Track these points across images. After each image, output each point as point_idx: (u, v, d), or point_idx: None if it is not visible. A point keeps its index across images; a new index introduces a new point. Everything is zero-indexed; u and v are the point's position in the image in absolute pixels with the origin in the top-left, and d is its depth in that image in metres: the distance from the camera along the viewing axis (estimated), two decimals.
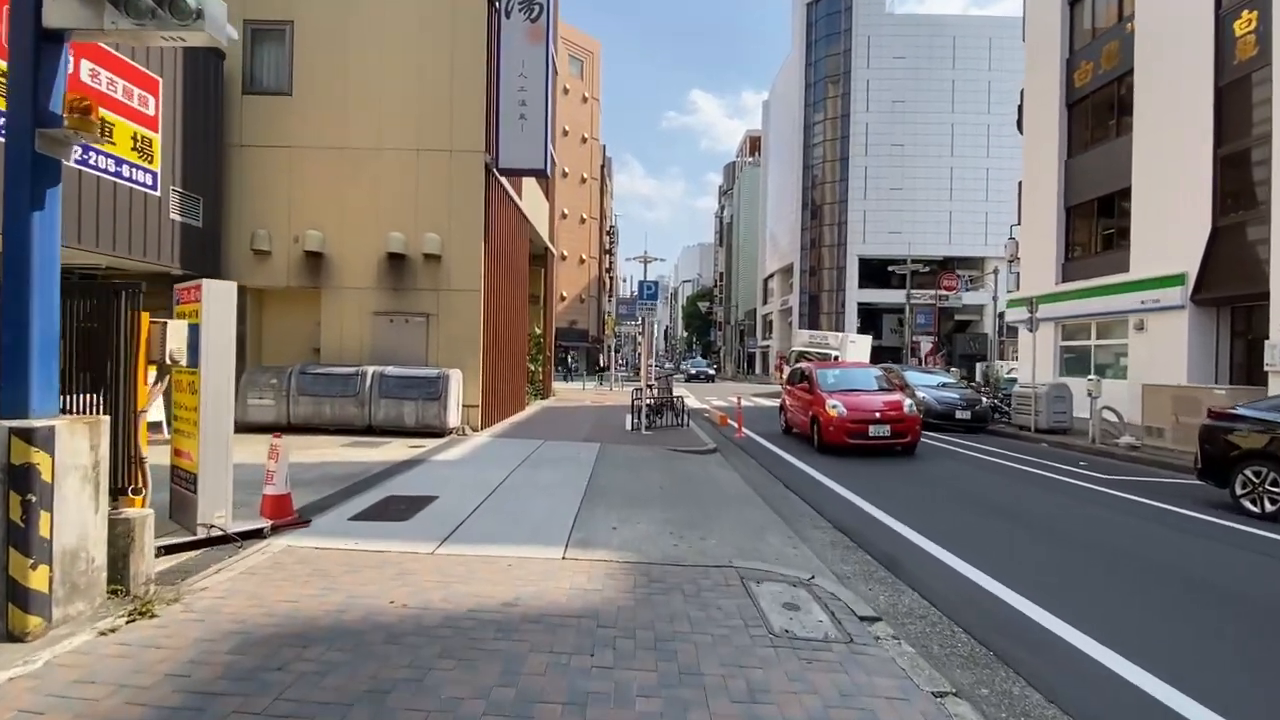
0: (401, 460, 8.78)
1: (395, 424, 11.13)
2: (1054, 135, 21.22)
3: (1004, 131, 50.66)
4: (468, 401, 11.91)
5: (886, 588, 4.88)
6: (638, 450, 10.67)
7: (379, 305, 12.02)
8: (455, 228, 11.98)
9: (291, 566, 4.45)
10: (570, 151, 50.35)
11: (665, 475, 8.60)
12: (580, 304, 53.37)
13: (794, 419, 13.41)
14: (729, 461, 10.43)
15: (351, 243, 12.00)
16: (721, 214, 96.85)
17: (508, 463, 8.83)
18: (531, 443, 10.92)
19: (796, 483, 9.04)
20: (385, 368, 11.32)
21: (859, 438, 10.91)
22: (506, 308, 14.21)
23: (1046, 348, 21.45)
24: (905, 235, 50.76)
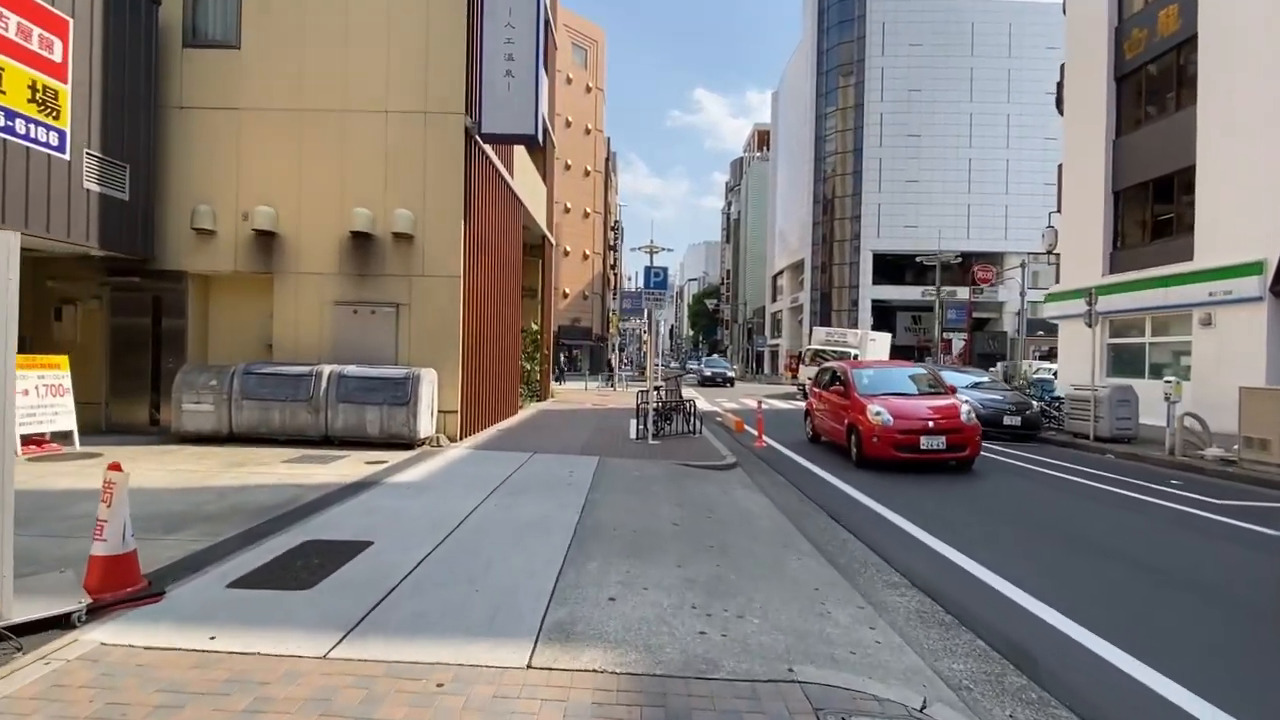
0: (349, 483, 7.04)
1: (356, 433, 9.40)
2: (1100, 113, 19.34)
3: (1024, 121, 48.77)
4: (444, 406, 10.17)
5: (1036, 711, 3.11)
6: (644, 466, 8.90)
7: (341, 294, 10.29)
8: (431, 203, 10.24)
9: (75, 694, 2.70)
10: (573, 143, 48.63)
11: (679, 502, 6.83)
12: (583, 301, 51.66)
13: (823, 426, 11.62)
14: (754, 480, 8.66)
15: (309, 220, 10.28)
16: (728, 210, 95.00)
17: (482, 486, 7.07)
18: (517, 456, 9.16)
19: (843, 511, 7.26)
20: (345, 367, 9.59)
21: (908, 450, 9.13)
22: (494, 299, 12.46)
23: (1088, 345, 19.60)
24: (921, 230, 48.85)
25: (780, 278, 64.39)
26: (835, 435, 10.90)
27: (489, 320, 12.01)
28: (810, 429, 12.40)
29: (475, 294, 10.97)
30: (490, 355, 12.19)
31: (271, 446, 9.21)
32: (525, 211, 15.91)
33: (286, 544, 4.81)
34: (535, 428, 12.82)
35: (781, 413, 18.85)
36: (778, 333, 63.93)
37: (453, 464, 8.43)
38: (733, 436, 13.82)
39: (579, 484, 7.42)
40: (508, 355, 14.02)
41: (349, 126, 10.30)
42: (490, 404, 12.24)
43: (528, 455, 9.30)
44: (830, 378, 11.57)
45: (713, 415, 17.66)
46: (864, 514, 7.18)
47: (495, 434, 11.55)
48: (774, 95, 70.12)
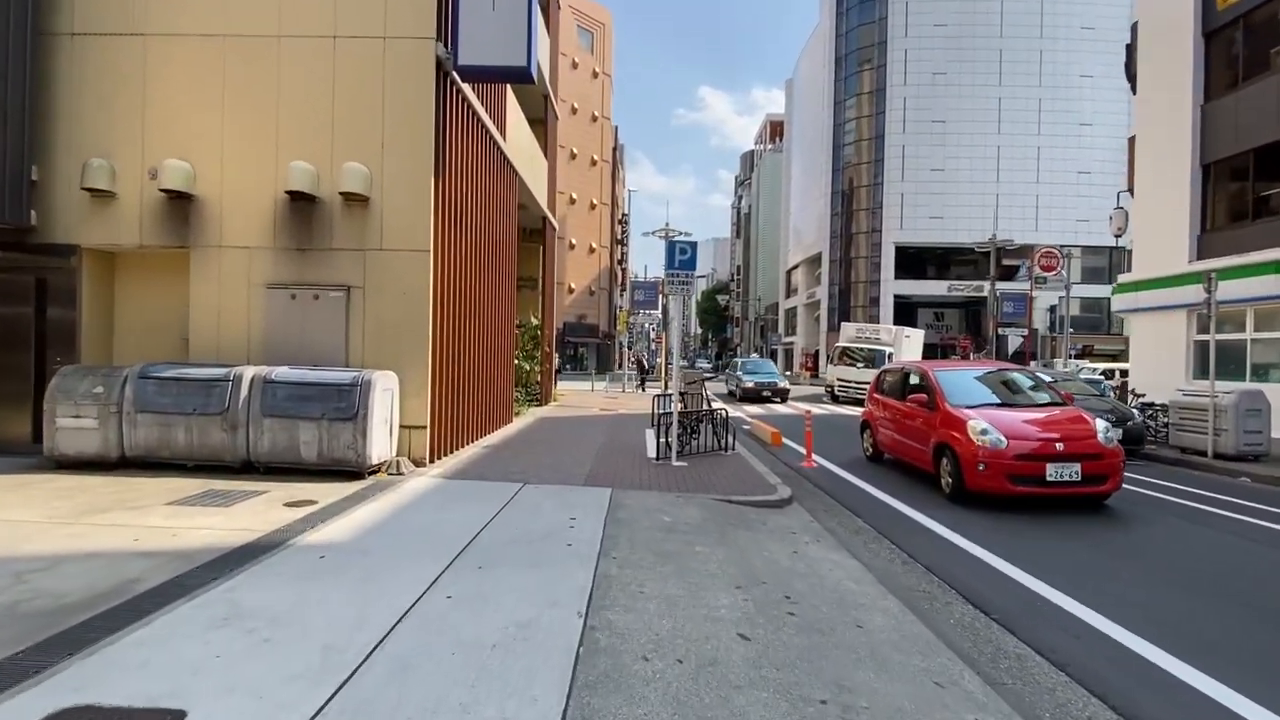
0: (236, 547, 4.67)
1: (287, 458, 7.06)
2: (1185, 75, 16.79)
3: (1056, 106, 46.08)
4: (409, 420, 7.82)
5: None
6: (673, 504, 6.52)
7: (275, 273, 7.95)
8: (392, 156, 7.88)
9: None
10: (579, 130, 46.28)
11: (737, 580, 4.44)
12: (590, 297, 49.33)
13: (890, 442, 9.19)
14: (825, 525, 6.28)
15: (235, 179, 7.94)
16: (739, 205, 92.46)
17: (438, 551, 4.71)
18: (501, 490, 6.80)
19: (978, 586, 4.83)
20: (274, 370, 7.24)
21: (1029, 482, 6.70)
22: (479, 284, 10.11)
23: (1169, 343, 17.11)
24: (947, 221, 46.27)
25: (795, 273, 61.83)
26: (911, 456, 8.47)
27: (471, 310, 9.64)
28: (870, 444, 9.97)
29: (451, 275, 8.60)
30: (474, 354, 9.83)
31: (173, 475, 6.88)
32: (522, 185, 13.54)
33: (34, 714, 2.46)
34: (531, 443, 10.45)
35: (816, 418, 16.44)
36: (792, 330, 61.40)
37: (408, 506, 6.06)
38: (769, 451, 11.43)
39: (584, 543, 5.05)
40: (498, 354, 11.66)
41: (286, 57, 7.95)
42: (474, 415, 9.87)
43: (515, 488, 6.93)
44: (901, 382, 9.12)
45: (738, 422, 15.23)
46: (1013, 592, 4.76)
47: (479, 453, 9.18)
48: (788, 83, 67.48)
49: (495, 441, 10.31)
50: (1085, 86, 46.19)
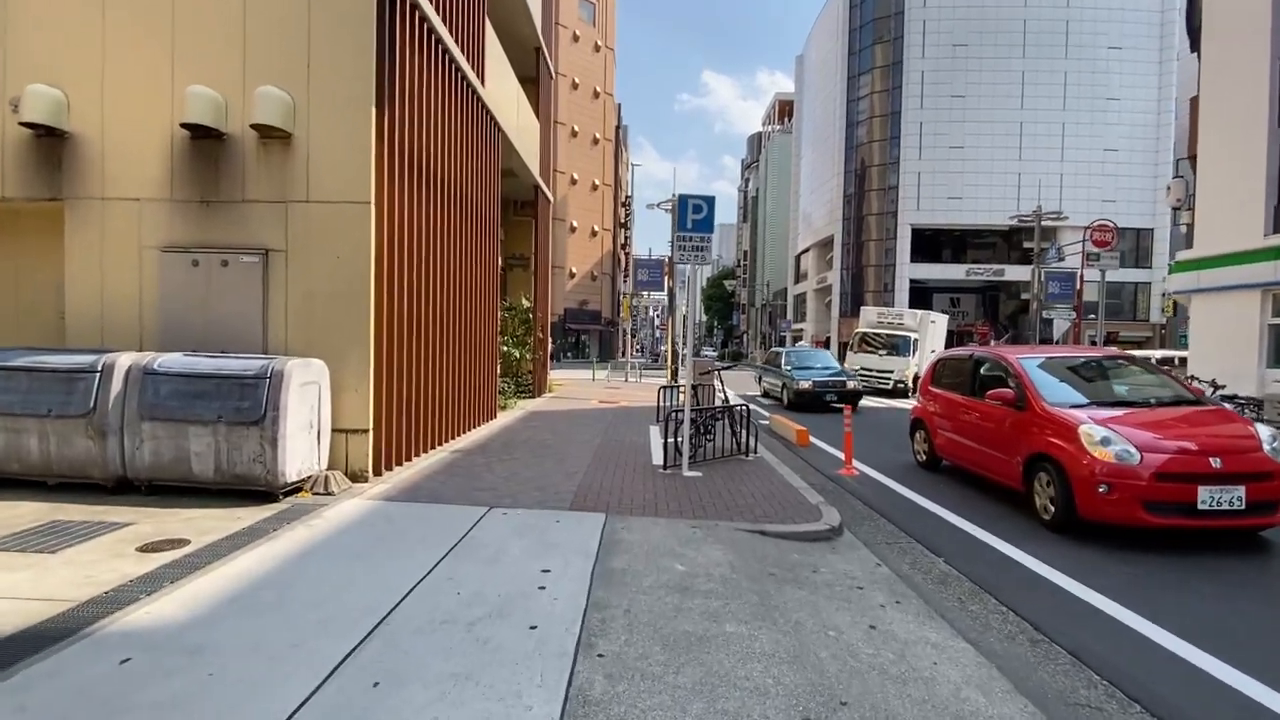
0: (4, 637, 2.96)
1: (174, 474, 5.33)
2: (1262, 24, 14.78)
3: (1082, 80, 43.71)
4: (345, 422, 6.07)
5: None
6: (688, 539, 4.76)
7: (173, 233, 6.18)
8: (321, 79, 6.08)
9: None
10: (580, 107, 44.20)
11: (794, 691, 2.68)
12: (592, 282, 47.48)
13: (955, 447, 7.37)
14: (898, 572, 4.53)
15: (120, 110, 6.16)
16: (746, 188, 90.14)
17: (314, 653, 2.96)
18: (454, 520, 5.06)
19: (1171, 694, 3.06)
20: (156, 357, 5.49)
21: (1174, 511, 4.91)
22: (446, 251, 8.33)
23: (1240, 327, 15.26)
24: (966, 201, 44.15)
25: (805, 257, 59.75)
26: (985, 466, 6.68)
27: (435, 284, 7.86)
28: (924, 448, 8.16)
29: (404, 237, 6.81)
30: (440, 338, 8.06)
31: (22, 496, 5.16)
32: (508, 146, 11.72)
33: None
34: (513, 446, 8.70)
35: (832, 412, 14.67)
36: (802, 316, 59.44)
37: (314, 552, 4.31)
38: (794, 453, 9.68)
39: (557, 621, 3.30)
40: (477, 339, 9.90)
41: None
42: (440, 412, 8.11)
43: (477, 515, 5.19)
44: (970, 374, 7.27)
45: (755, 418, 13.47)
46: (1227, 698, 3.00)
47: (444, 461, 7.44)
48: (798, 60, 64.98)
49: (469, 444, 8.57)
50: (1113, 59, 43.78)
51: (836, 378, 15.65)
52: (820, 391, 15.01)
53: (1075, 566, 4.75)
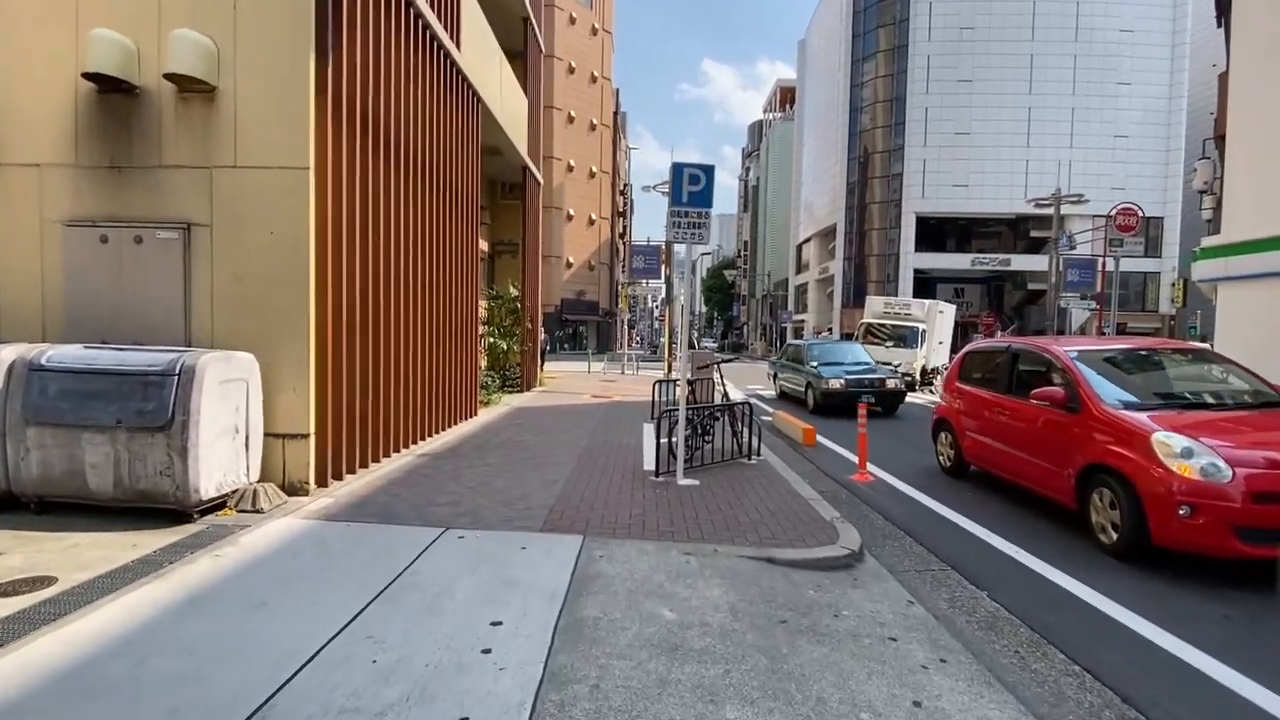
0: None
1: (68, 489, 4.47)
2: None
3: (1092, 64, 42.56)
4: (281, 425, 5.20)
5: None
6: (678, 576, 3.89)
7: (79, 205, 5.28)
8: (248, 21, 5.16)
9: None
10: (577, 92, 43.08)
11: None
12: (589, 271, 46.51)
13: (988, 452, 6.47)
14: (937, 613, 3.66)
15: (14, 58, 5.25)
16: (746, 177, 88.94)
17: None
18: (399, 546, 4.20)
19: None
20: (46, 350, 4.61)
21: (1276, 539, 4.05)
22: (412, 229, 7.44)
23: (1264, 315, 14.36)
24: (972, 189, 43.13)
25: (806, 247, 58.74)
26: (1027, 476, 5.80)
27: (397, 266, 6.97)
28: (949, 452, 7.26)
29: (354, 209, 5.92)
30: (403, 328, 7.18)
31: None
32: (490, 121, 10.79)
33: None
34: (488, 448, 7.83)
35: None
36: (803, 307, 58.50)
37: (210, 593, 3.44)
38: (799, 453, 8.82)
39: (493, 712, 2.43)
40: (453, 330, 9.02)
41: None
42: (403, 413, 7.24)
43: (428, 539, 4.33)
44: (1007, 368, 6.35)
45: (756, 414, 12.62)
46: None
47: (406, 467, 6.57)
48: (800, 44, 63.66)
49: (440, 446, 7.70)
50: (1124, 42, 42.62)
51: (872, 374, 12.98)
52: (854, 392, 12.08)
53: (1156, 608, 3.89)
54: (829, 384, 12.60)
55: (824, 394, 12.60)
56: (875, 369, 13.85)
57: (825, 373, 12.97)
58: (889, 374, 13.14)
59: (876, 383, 12.63)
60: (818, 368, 13.24)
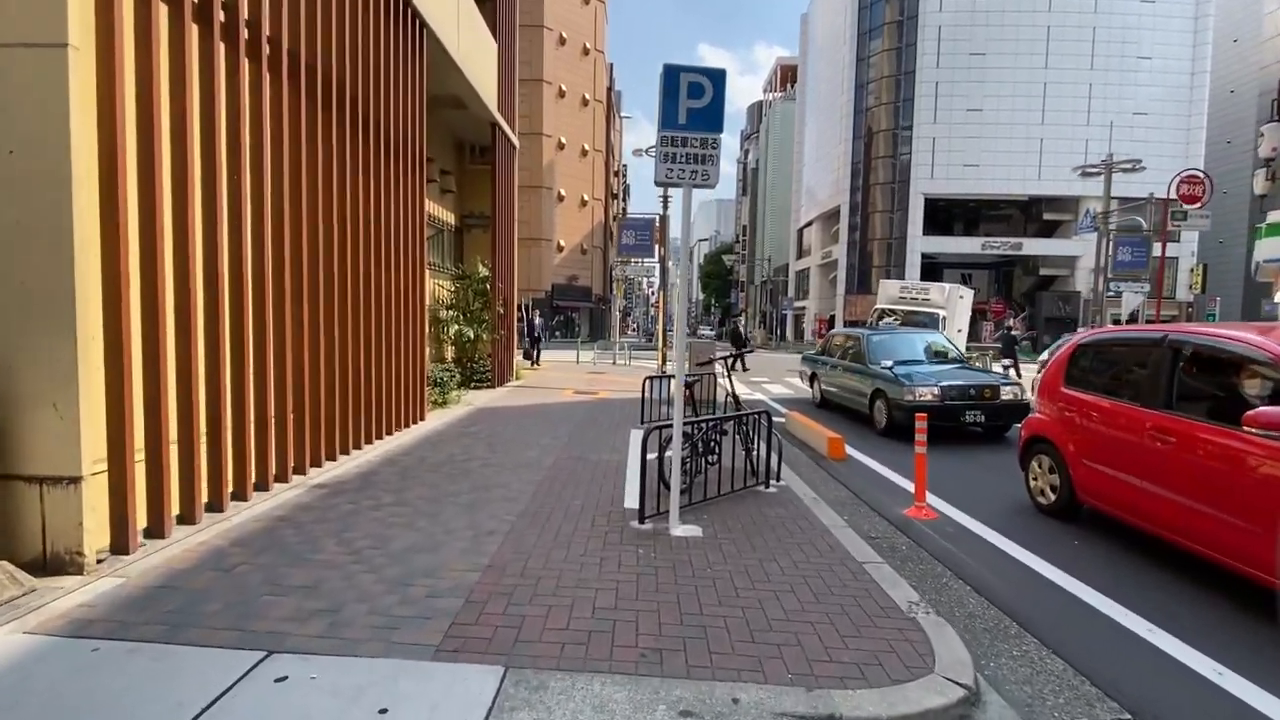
0: None
1: None
2: None
3: (1112, 36, 40.41)
4: (34, 465, 3.25)
5: None
6: None
7: None
8: None
9: None
10: (568, 65, 40.73)
11: None
12: (582, 255, 44.40)
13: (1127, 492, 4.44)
14: None
15: None
16: (745, 160, 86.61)
17: None
18: (168, 698, 2.25)
19: None
20: None
21: None
22: (309, 176, 5.44)
23: None
24: (984, 169, 41.13)
25: (808, 231, 56.66)
26: (1209, 538, 3.80)
27: (279, 224, 4.98)
28: (1051, 484, 5.24)
29: (184, 125, 3.91)
30: (288, 312, 5.19)
31: None
32: (443, 55, 8.77)
33: None
34: (410, 476, 5.86)
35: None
36: (804, 293, 56.56)
37: None
38: (823, 469, 6.92)
39: None
40: (382, 317, 7.04)
41: None
42: (287, 429, 5.24)
43: (228, 679, 2.39)
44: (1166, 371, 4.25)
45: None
46: None
47: (270, 514, 4.61)
48: (803, 18, 61.15)
49: (350, 471, 5.74)
50: (1145, 14, 40.46)
51: (979, 381, 8.78)
52: (956, 406, 8.27)
53: None
54: (917, 394, 8.36)
55: (907, 408, 8.25)
56: (981, 372, 10.05)
57: (909, 376, 8.74)
58: (1000, 379, 9.11)
59: (986, 392, 8.48)
60: (894, 369, 9.01)
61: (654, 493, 4.79)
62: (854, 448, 8.06)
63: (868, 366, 9.65)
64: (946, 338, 11.09)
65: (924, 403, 8.29)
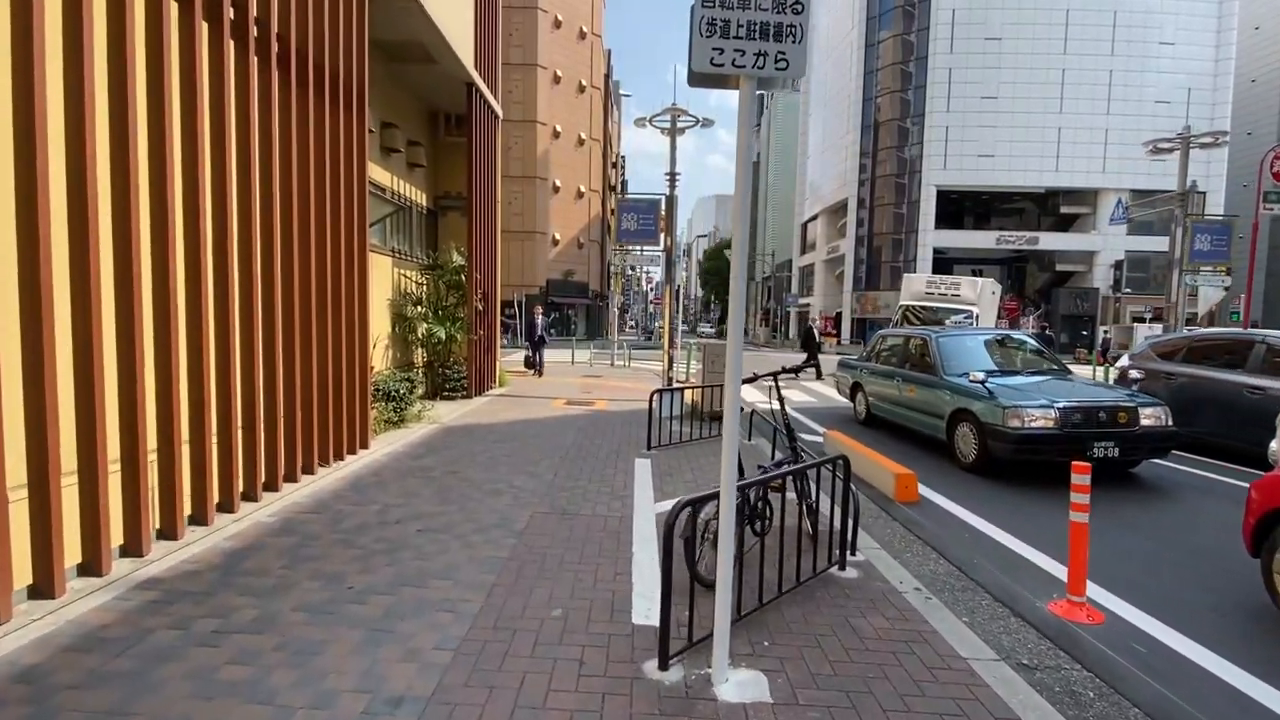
0: None
1: None
2: None
3: (1133, 20, 38.54)
4: None
5: None
6: None
7: None
8: None
9: None
10: (563, 49, 38.72)
11: None
12: (578, 250, 42.44)
13: None
14: None
15: None
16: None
17: None
18: None
19: None
20: None
21: None
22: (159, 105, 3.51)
23: None
24: (999, 160, 39.24)
25: (812, 225, 54.75)
26: None
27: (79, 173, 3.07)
28: None
29: None
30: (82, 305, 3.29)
31: None
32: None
33: None
34: (300, 561, 3.95)
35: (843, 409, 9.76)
36: (808, 290, 54.70)
37: None
38: (905, 525, 5.07)
39: None
40: (287, 312, 5.15)
41: None
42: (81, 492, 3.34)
43: None
44: None
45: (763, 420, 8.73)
46: None
47: (12, 665, 2.72)
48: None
49: (214, 550, 3.84)
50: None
51: (1107, 400, 6.47)
52: (1082, 435, 6.09)
53: None
54: (1026, 419, 6.13)
55: (1012, 438, 6.12)
56: (1103, 388, 7.60)
57: (1010, 394, 6.48)
58: (1138, 398, 6.69)
59: (1121, 415, 6.23)
60: (985, 383, 6.61)
61: (681, 589, 2.94)
62: (923, 482, 6.21)
63: (942, 378, 7.40)
64: (1031, 337, 8.98)
65: (1037, 431, 6.11)
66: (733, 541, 2.67)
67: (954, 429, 7.03)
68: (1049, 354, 8.11)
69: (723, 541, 2.63)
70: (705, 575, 3.15)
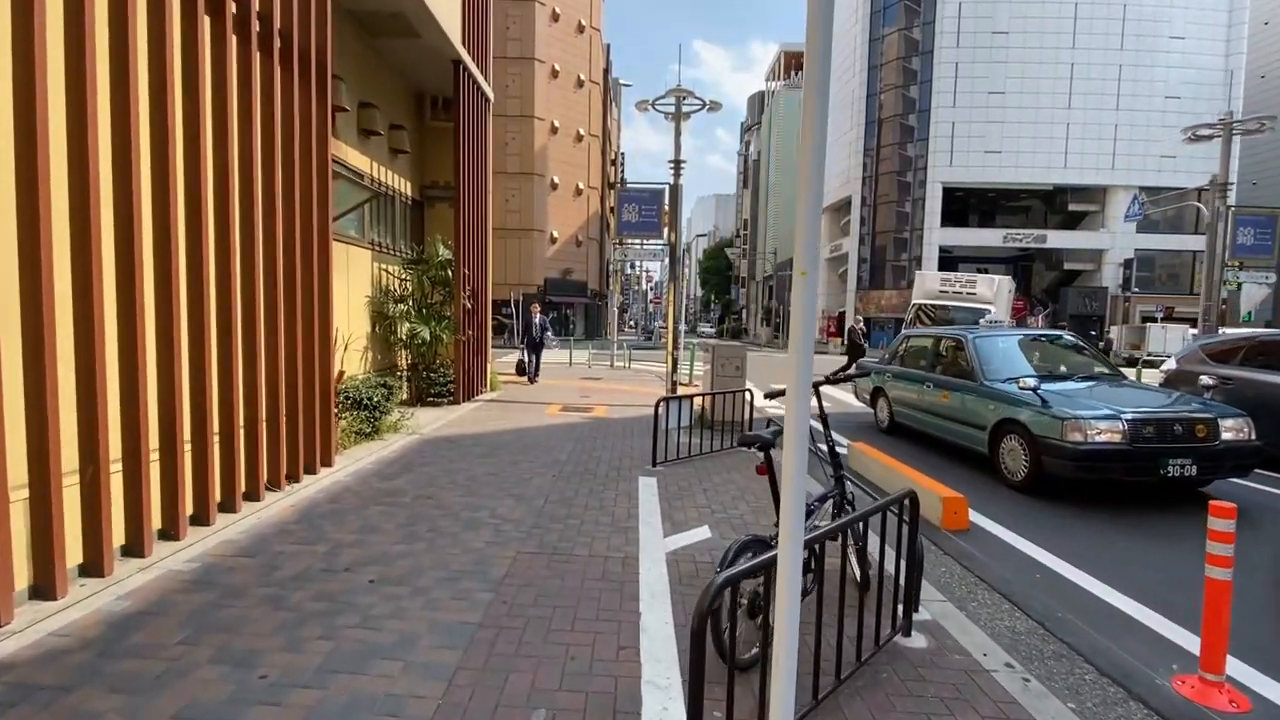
0: None
1: None
2: None
3: (1144, 14, 37.78)
4: None
5: None
6: None
7: None
8: None
9: None
10: (562, 42, 37.88)
11: None
12: (576, 248, 41.60)
13: None
14: None
15: None
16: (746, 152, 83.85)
17: None
18: None
19: None
20: None
21: None
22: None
23: None
24: (1006, 156, 38.47)
25: None
26: None
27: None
28: None
29: None
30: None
31: None
32: None
33: None
34: (206, 630, 3.16)
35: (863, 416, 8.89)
36: None
37: None
38: (965, 564, 4.25)
39: None
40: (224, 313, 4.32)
41: None
42: None
43: None
44: None
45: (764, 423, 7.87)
46: None
47: None
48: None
49: (92, 619, 3.01)
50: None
51: (1181, 411, 5.56)
52: (1154, 450, 5.19)
53: None
54: (1088, 432, 5.26)
55: (1072, 454, 5.25)
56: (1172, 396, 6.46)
57: (1067, 403, 5.59)
58: (1216, 407, 5.76)
59: (1199, 428, 5.34)
60: (1042, 395, 5.69)
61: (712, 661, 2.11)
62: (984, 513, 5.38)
63: (982, 383, 6.54)
64: (1077, 337, 8.07)
65: (1102, 446, 5.20)
66: (795, 631, 1.85)
67: (998, 442, 6.16)
68: (1100, 355, 7.26)
69: (780, 640, 1.80)
70: (740, 653, 2.34)
